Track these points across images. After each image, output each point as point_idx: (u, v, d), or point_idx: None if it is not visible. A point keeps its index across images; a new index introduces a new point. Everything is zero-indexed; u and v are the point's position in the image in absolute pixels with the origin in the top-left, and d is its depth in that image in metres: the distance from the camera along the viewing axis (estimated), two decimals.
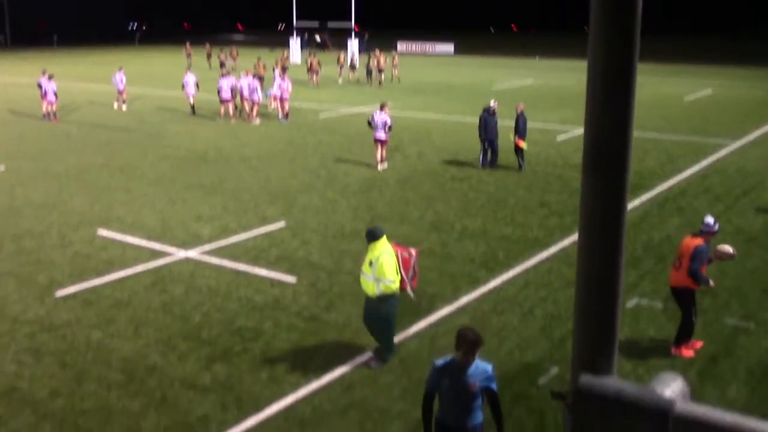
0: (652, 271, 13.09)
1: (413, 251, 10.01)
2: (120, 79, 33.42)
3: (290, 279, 12.90)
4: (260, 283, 12.73)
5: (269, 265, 13.57)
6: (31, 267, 13.60)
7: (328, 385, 9.46)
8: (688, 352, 10.10)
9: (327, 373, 9.69)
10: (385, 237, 9.64)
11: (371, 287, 9.59)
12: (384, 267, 9.44)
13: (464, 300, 11.98)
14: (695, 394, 1.31)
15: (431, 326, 11.07)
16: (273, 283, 12.76)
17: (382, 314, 9.73)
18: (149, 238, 15.18)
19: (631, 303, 11.65)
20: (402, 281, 9.74)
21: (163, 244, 14.81)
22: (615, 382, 1.17)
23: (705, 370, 9.69)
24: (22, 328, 11.11)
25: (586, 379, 1.17)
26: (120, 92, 33.72)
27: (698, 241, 10.01)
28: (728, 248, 10.33)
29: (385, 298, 9.61)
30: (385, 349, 9.95)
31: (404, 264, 9.78)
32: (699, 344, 10.29)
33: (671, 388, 1.22)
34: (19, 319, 11.42)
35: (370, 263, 9.55)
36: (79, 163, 22.36)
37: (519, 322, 11.17)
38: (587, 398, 1.16)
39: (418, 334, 10.80)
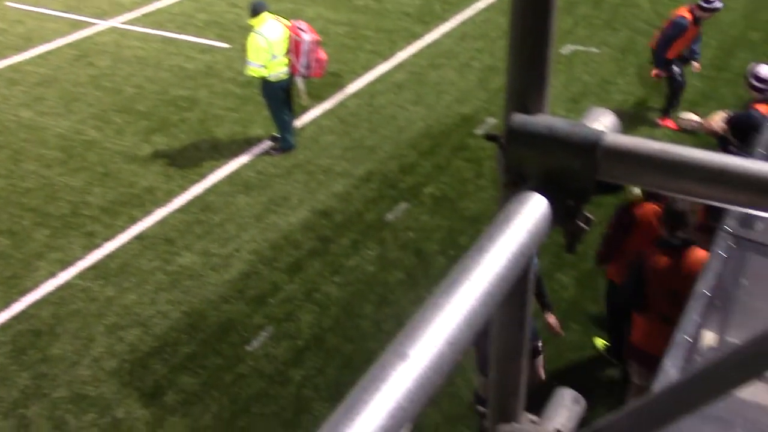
0: (587, 17, 12.98)
1: (309, 37, 8.90)
2: None
3: (222, 44, 12.46)
4: (190, 50, 12.29)
5: (198, 31, 13.02)
6: None
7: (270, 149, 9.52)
8: (667, 123, 9.56)
9: (268, 138, 9.71)
10: (264, 14, 8.73)
11: (249, 70, 8.94)
12: (247, 47, 8.75)
13: (401, 56, 11.83)
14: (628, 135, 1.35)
15: (369, 84, 11.00)
16: (204, 49, 12.33)
17: (263, 98, 9.21)
18: (66, 9, 14.25)
19: (566, 50, 11.66)
20: (291, 66, 8.95)
21: (82, 15, 13.96)
22: (547, 119, 1.18)
23: (637, 112, 9.99)
24: None
25: (518, 117, 1.17)
26: None
27: (682, 12, 8.91)
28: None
29: (259, 82, 9.00)
30: (279, 136, 9.41)
31: (295, 48, 8.88)
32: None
33: (601, 121, 1.24)
34: None
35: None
36: None
37: (456, 75, 11.16)
38: (519, 136, 1.17)
39: (357, 93, 10.76)
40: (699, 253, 4.98)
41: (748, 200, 1.17)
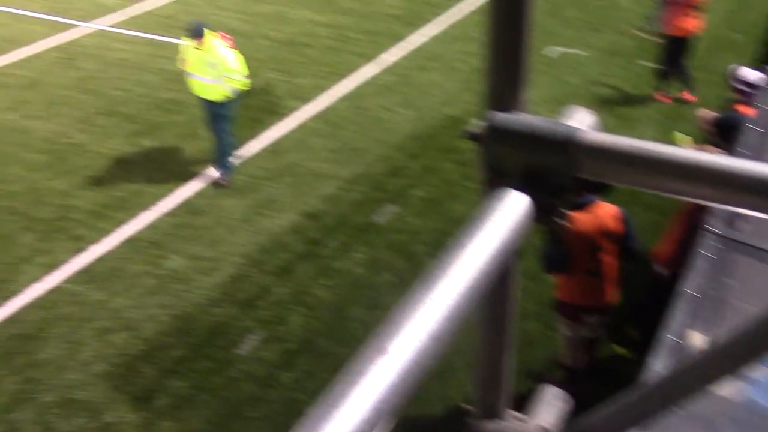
0: (576, 19, 13.02)
1: (227, 36, 8.82)
2: None
3: None
4: (176, 53, 12.24)
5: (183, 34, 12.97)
6: None
7: (261, 151, 9.51)
8: (663, 98, 10.24)
9: (256, 138, 9.69)
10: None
11: (215, 90, 8.47)
12: (227, 60, 8.34)
13: (387, 58, 11.85)
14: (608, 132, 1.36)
15: (356, 87, 11.02)
16: None
17: (226, 115, 8.69)
18: (49, 11, 14.19)
19: (554, 52, 11.70)
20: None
21: (66, 17, 13.90)
22: (524, 117, 1.20)
23: (623, 112, 10.04)
24: None
25: (497, 115, 1.19)
26: None
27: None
28: None
29: (234, 95, 8.58)
30: (223, 155, 8.86)
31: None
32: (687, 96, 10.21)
33: (579, 119, 1.25)
34: None
35: (211, 64, 8.36)
36: None
37: (442, 77, 11.19)
38: (498, 134, 1.18)
39: (344, 96, 10.76)
40: (606, 206, 5.28)
41: (723, 197, 1.19)
